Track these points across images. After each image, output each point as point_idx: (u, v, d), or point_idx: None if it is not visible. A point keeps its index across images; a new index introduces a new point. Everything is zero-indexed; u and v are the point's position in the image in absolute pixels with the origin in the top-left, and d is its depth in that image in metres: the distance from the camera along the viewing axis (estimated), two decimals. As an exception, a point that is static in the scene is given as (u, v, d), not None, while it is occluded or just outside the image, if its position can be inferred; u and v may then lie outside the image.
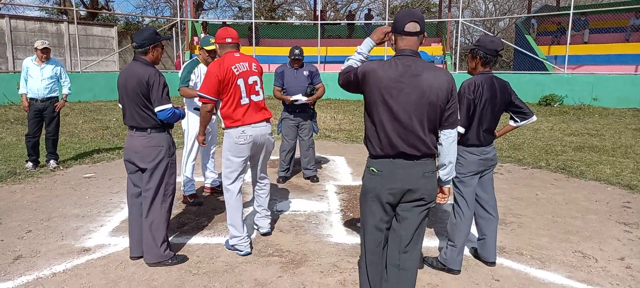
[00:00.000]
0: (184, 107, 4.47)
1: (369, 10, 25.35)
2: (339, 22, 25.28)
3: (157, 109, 3.15)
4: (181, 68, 4.49)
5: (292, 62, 5.31)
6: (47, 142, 6.04)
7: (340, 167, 6.38)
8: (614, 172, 6.04)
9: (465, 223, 3.18)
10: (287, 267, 3.29)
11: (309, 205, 4.71)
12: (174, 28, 19.31)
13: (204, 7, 31.06)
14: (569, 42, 14.08)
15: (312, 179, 5.58)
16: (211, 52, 4.41)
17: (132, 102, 3.16)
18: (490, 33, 28.35)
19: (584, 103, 13.05)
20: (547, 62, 15.38)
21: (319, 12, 22.35)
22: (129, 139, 3.26)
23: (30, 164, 5.94)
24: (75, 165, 6.28)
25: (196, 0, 26.86)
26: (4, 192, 5.01)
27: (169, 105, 3.19)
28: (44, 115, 5.93)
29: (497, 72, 13.41)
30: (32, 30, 14.95)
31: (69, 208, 4.51)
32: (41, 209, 4.46)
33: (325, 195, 5.07)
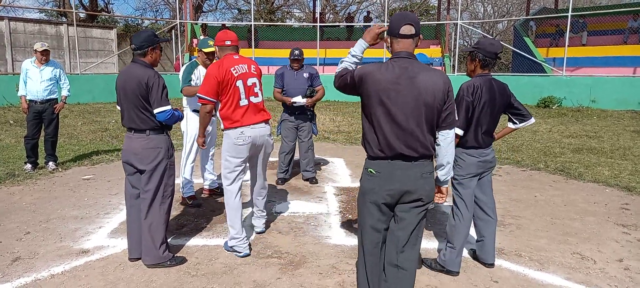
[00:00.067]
0: (183, 109, 4.49)
1: (368, 12, 25.35)
2: (338, 24, 25.30)
3: (156, 111, 3.15)
4: (180, 70, 4.51)
5: (292, 62, 5.32)
6: (46, 144, 6.05)
7: (339, 169, 6.38)
8: (613, 174, 6.05)
9: (464, 225, 3.18)
10: (286, 269, 3.29)
11: (307, 206, 4.72)
12: (174, 30, 19.29)
13: (204, 9, 31.11)
14: (567, 44, 14.12)
15: (311, 181, 5.58)
16: (210, 55, 4.42)
17: (131, 104, 3.16)
18: (489, 35, 28.39)
19: (582, 105, 13.07)
20: (546, 64, 15.41)
21: (318, 15, 22.41)
22: (127, 141, 3.26)
23: (29, 166, 5.94)
24: (74, 167, 6.27)
25: (196, 3, 26.88)
26: (3, 194, 5.00)
27: (168, 107, 3.19)
28: (43, 117, 5.93)
29: (495, 74, 13.55)
30: (31, 32, 14.94)
31: (67, 210, 4.51)
32: (40, 211, 4.46)
33: (324, 196, 5.08)
